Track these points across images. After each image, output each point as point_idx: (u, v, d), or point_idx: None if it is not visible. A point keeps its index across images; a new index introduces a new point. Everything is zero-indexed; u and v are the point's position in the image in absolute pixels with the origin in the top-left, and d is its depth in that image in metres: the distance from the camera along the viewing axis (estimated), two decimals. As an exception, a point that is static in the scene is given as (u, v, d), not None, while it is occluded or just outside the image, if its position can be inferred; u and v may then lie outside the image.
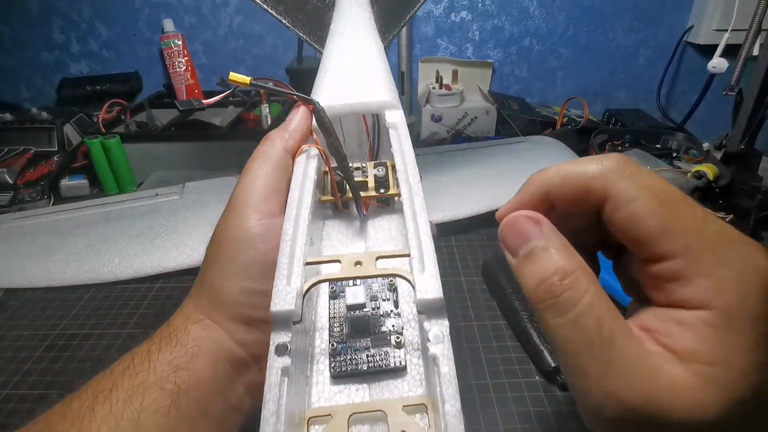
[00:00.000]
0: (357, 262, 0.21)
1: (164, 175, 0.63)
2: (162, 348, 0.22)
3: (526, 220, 0.17)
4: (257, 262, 0.23)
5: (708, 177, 0.50)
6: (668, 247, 0.15)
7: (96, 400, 0.19)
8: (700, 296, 0.15)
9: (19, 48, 0.91)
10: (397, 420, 0.20)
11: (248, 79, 0.24)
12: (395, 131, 0.27)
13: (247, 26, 0.90)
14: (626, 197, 0.16)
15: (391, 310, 0.25)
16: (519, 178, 0.29)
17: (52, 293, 0.42)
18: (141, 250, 0.45)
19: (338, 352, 0.23)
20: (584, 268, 0.16)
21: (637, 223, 0.16)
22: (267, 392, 0.17)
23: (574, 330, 0.15)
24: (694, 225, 0.15)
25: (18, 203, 0.57)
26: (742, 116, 0.54)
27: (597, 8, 0.88)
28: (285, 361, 0.18)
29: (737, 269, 0.15)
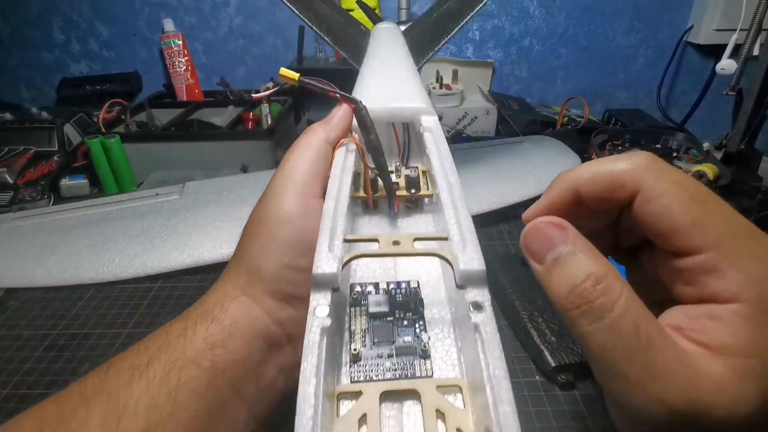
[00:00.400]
0: (395, 242, 0.21)
1: (164, 174, 0.63)
2: (198, 325, 0.22)
3: (550, 225, 0.17)
4: (296, 239, 0.24)
5: (708, 177, 0.50)
6: (700, 239, 0.15)
7: (133, 375, 0.19)
8: (733, 289, 0.15)
9: (20, 48, 0.91)
10: (431, 398, 0.20)
11: (297, 75, 0.25)
12: (431, 134, 0.29)
13: (247, 26, 0.90)
14: (658, 190, 0.16)
15: (416, 321, 0.24)
16: (519, 177, 0.29)
17: (52, 293, 0.42)
18: (141, 249, 0.45)
19: (359, 359, 0.22)
20: (615, 272, 0.16)
21: (669, 216, 0.16)
22: (306, 350, 0.17)
23: (611, 335, 0.15)
24: (724, 219, 0.15)
25: (18, 203, 0.57)
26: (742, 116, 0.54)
27: (597, 8, 0.88)
28: (325, 322, 0.18)
29: (767, 262, 0.15)
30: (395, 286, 0.26)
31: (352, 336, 0.23)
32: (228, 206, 0.51)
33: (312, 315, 0.19)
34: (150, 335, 0.22)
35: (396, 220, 0.30)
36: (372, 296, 0.25)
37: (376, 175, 0.28)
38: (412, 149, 0.34)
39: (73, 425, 0.18)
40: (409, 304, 0.25)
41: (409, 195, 0.29)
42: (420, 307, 0.25)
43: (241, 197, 0.53)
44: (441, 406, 0.19)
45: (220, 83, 0.86)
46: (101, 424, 0.18)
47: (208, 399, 0.20)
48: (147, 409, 0.18)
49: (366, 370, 0.21)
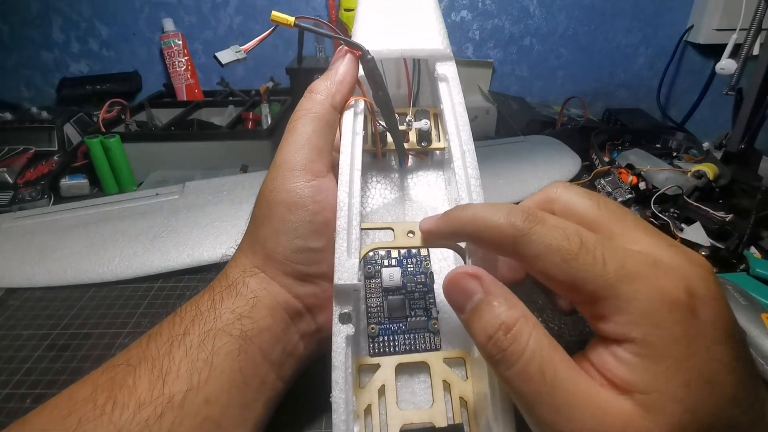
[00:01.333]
0: (410, 231, 0.22)
1: (164, 174, 0.63)
2: (224, 298, 0.23)
3: (466, 276, 0.18)
4: (308, 222, 0.24)
5: (708, 176, 0.50)
6: (579, 297, 0.16)
7: (172, 344, 0.21)
8: (620, 331, 0.15)
9: (19, 47, 0.91)
10: (439, 370, 0.22)
11: (292, 19, 0.22)
12: (446, 85, 0.26)
13: (247, 26, 0.90)
14: (531, 256, 0.17)
15: (426, 293, 0.26)
16: (519, 177, 0.29)
17: (52, 293, 0.42)
18: (141, 249, 0.45)
19: (377, 335, 0.24)
20: (526, 316, 0.16)
21: (548, 280, 0.17)
22: (334, 355, 0.20)
23: (522, 380, 0.15)
24: (595, 270, 0.16)
25: (18, 203, 0.57)
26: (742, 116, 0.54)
27: (597, 8, 0.88)
28: (348, 330, 0.21)
29: (644, 299, 0.15)
30: (406, 254, 0.26)
31: (369, 312, 0.25)
32: (228, 206, 0.51)
33: (336, 323, 0.21)
34: (181, 309, 0.24)
35: (406, 175, 0.30)
36: (385, 269, 0.26)
37: (385, 129, 0.26)
38: (426, 88, 0.31)
39: (124, 391, 0.19)
40: (420, 276, 0.26)
41: (420, 149, 0.28)
42: (430, 281, 0.26)
43: (241, 197, 0.53)
44: (447, 377, 0.22)
45: (221, 83, 0.86)
46: (149, 387, 0.20)
47: (240, 362, 0.22)
48: (188, 373, 0.20)
49: (383, 344, 0.24)
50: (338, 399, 0.20)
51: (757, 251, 0.43)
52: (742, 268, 0.40)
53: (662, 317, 0.15)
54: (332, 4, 0.86)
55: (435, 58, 0.26)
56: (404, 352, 0.24)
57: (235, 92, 0.85)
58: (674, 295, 0.15)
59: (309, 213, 0.24)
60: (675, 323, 0.15)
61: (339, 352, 0.20)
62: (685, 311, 0.15)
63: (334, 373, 0.20)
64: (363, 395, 0.22)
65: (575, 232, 0.16)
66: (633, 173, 0.51)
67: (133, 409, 0.19)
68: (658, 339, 0.15)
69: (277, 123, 0.69)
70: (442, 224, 0.20)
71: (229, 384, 0.21)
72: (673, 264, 0.16)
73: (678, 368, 0.15)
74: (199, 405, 0.20)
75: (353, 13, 0.80)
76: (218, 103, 0.82)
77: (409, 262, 0.26)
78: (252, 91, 0.82)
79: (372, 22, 0.27)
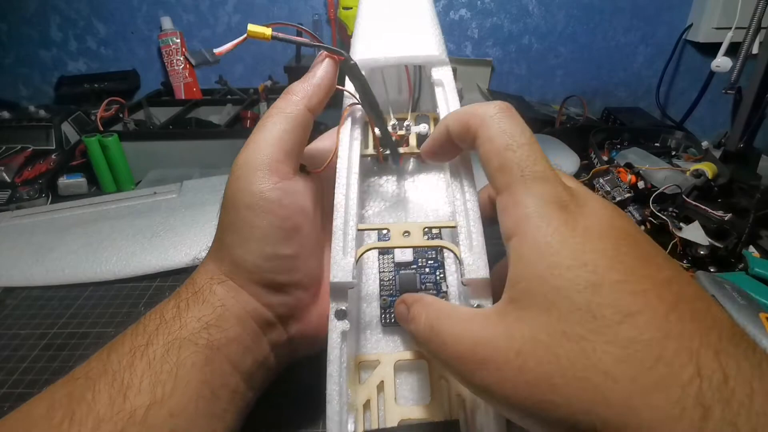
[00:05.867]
0: (405, 232, 0.23)
1: (162, 173, 0.63)
2: (190, 305, 0.22)
3: (399, 304, 0.22)
4: (276, 228, 0.23)
5: (707, 175, 0.49)
6: (498, 182, 0.19)
7: (134, 356, 0.20)
8: (509, 226, 0.18)
9: (17, 46, 0.91)
10: (436, 368, 0.23)
11: (269, 32, 0.22)
12: (442, 89, 0.27)
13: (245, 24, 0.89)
14: (486, 137, 0.19)
15: (436, 267, 0.27)
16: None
17: (49, 292, 0.42)
18: (139, 248, 0.45)
19: (389, 306, 0.25)
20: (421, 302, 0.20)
21: (487, 161, 0.19)
22: (330, 350, 0.21)
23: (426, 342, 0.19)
24: (523, 164, 0.18)
25: (16, 201, 0.57)
26: (741, 115, 0.54)
27: (596, 6, 0.88)
28: (344, 325, 0.21)
29: (538, 199, 0.17)
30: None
31: (381, 284, 0.26)
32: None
33: (332, 320, 0.21)
34: (145, 317, 0.22)
35: (407, 179, 0.30)
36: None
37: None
38: (425, 92, 0.31)
39: (83, 406, 0.18)
40: (431, 253, 0.27)
41: (419, 152, 0.28)
42: (441, 257, 0.27)
43: (240, 196, 0.53)
44: (445, 374, 0.22)
45: (219, 81, 0.86)
46: (108, 402, 0.19)
47: (207, 373, 0.21)
48: (151, 386, 0.19)
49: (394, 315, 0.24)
50: (332, 392, 0.20)
51: (755, 250, 0.43)
52: (740, 268, 0.40)
53: (543, 224, 0.17)
54: (331, 2, 0.86)
55: (431, 64, 0.27)
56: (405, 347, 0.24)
57: (233, 91, 0.85)
58: (560, 197, 0.17)
59: (277, 218, 0.23)
60: (547, 223, 0.17)
61: (334, 347, 0.21)
62: (563, 209, 0.17)
63: (329, 367, 0.20)
64: (362, 391, 0.22)
65: (530, 131, 0.19)
66: (632, 172, 0.51)
67: (91, 426, 0.18)
68: (530, 240, 0.17)
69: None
70: (436, 131, 0.23)
71: (196, 396, 0.20)
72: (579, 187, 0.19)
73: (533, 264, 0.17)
74: (163, 419, 0.19)
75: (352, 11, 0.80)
76: (216, 101, 0.82)
77: (426, 236, 0.26)
78: (250, 89, 0.82)
79: (371, 29, 0.28)
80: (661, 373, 0.13)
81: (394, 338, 0.25)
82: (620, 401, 0.13)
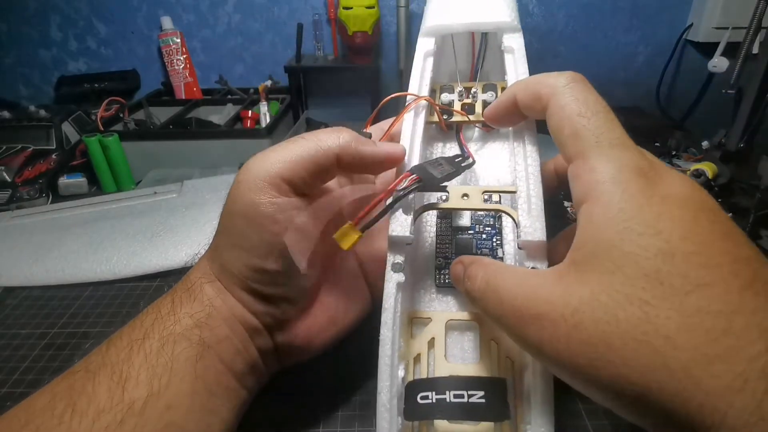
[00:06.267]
0: (464, 194, 0.23)
1: (162, 173, 0.63)
2: (183, 302, 0.23)
3: (456, 264, 0.22)
4: (266, 242, 0.23)
5: (707, 175, 0.49)
6: (570, 150, 0.19)
7: (131, 349, 0.21)
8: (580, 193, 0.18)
9: (17, 45, 0.91)
10: (488, 329, 0.23)
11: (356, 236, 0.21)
12: (511, 56, 0.27)
13: (245, 24, 0.90)
14: (557, 106, 0.19)
15: (493, 234, 0.27)
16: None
17: (49, 291, 0.42)
18: (139, 248, 0.45)
19: (443, 267, 0.26)
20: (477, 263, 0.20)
21: (558, 129, 0.19)
22: (385, 299, 0.21)
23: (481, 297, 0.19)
24: (599, 131, 0.18)
25: (16, 201, 0.57)
26: (741, 115, 0.54)
27: (596, 6, 0.88)
28: (399, 277, 0.22)
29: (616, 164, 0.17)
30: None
31: (438, 246, 0.26)
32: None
33: (389, 271, 0.22)
34: (143, 313, 0.23)
35: (471, 147, 0.30)
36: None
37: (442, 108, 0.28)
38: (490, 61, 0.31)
39: (83, 398, 0.19)
40: (489, 219, 0.27)
41: (485, 120, 0.28)
42: (499, 224, 0.27)
43: (240, 196, 0.53)
44: (496, 337, 0.23)
45: (219, 81, 0.86)
46: (108, 394, 0.19)
47: (200, 369, 0.21)
48: (148, 378, 0.20)
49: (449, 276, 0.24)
50: (386, 338, 0.21)
51: (755, 250, 0.43)
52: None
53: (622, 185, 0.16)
54: (331, 2, 0.86)
55: (502, 30, 0.27)
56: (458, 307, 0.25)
57: (233, 90, 0.85)
58: (638, 164, 0.17)
59: (268, 233, 0.22)
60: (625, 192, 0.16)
61: (390, 296, 0.21)
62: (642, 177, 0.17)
63: (383, 314, 0.21)
64: (414, 345, 0.23)
65: (603, 100, 0.19)
66: (632, 172, 0.51)
67: (92, 416, 0.18)
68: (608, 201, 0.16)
69: (275, 122, 0.69)
70: (502, 97, 0.23)
71: (191, 390, 0.20)
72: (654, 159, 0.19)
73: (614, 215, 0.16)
74: (160, 411, 0.19)
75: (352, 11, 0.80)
76: (217, 101, 0.82)
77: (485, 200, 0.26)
78: (250, 89, 0.82)
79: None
80: (727, 345, 0.13)
81: (447, 299, 0.25)
82: (680, 367, 0.13)
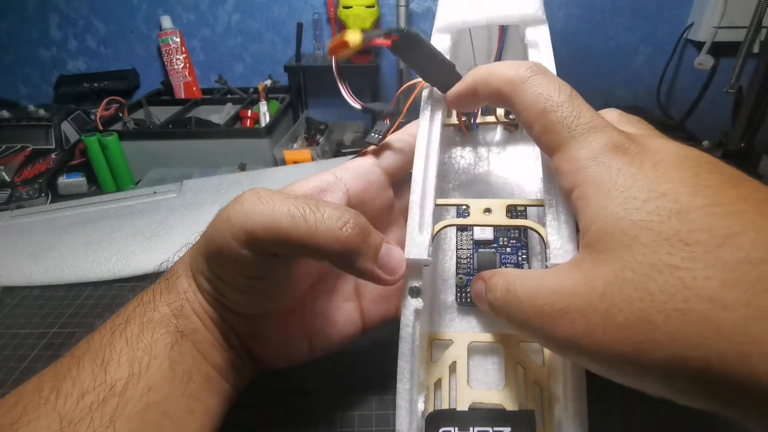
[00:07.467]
0: (486, 209, 0.21)
1: (162, 172, 0.63)
2: (162, 291, 0.23)
3: (477, 281, 0.21)
4: (246, 278, 0.22)
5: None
6: (546, 146, 0.18)
7: (114, 334, 0.21)
8: (566, 184, 0.17)
9: (16, 45, 0.91)
10: (513, 353, 0.22)
11: (359, 37, 0.20)
12: (536, 51, 0.25)
13: (245, 23, 0.90)
14: (521, 105, 0.19)
15: (519, 247, 0.25)
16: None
17: (49, 291, 0.42)
18: (139, 248, 0.45)
19: (465, 285, 0.24)
20: (497, 273, 0.19)
21: (529, 128, 0.19)
22: (402, 327, 0.20)
23: (503, 305, 0.18)
24: (567, 122, 0.17)
25: (15, 201, 0.57)
26: (742, 114, 0.54)
27: (597, 5, 0.88)
28: (418, 303, 0.20)
29: (592, 149, 0.17)
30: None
31: (458, 262, 0.25)
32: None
33: (407, 297, 0.20)
34: (128, 303, 0.23)
35: (494, 149, 0.28)
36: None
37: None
38: (507, 53, 0.29)
39: (68, 380, 0.20)
40: (514, 232, 0.25)
41: (508, 121, 0.27)
42: (524, 237, 0.25)
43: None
44: (522, 362, 0.21)
45: (219, 80, 0.86)
46: (91, 376, 0.20)
47: (177, 355, 0.22)
48: (129, 361, 0.20)
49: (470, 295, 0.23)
50: (403, 369, 0.20)
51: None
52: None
53: (599, 164, 0.16)
54: (331, 1, 0.86)
55: (525, 23, 0.25)
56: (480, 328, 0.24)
57: (233, 90, 0.85)
58: (615, 141, 0.16)
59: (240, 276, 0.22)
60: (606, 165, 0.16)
61: (407, 324, 0.20)
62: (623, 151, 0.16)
63: (401, 344, 0.20)
64: (434, 369, 0.22)
65: (569, 86, 0.18)
66: (632, 171, 0.51)
67: (76, 397, 0.19)
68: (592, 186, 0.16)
69: (275, 121, 0.69)
70: (462, 84, 0.22)
71: (171, 374, 0.21)
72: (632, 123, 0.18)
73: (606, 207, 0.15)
74: (141, 392, 0.20)
75: (352, 10, 0.80)
76: (216, 100, 0.82)
77: (509, 214, 0.24)
78: (250, 88, 0.82)
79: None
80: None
81: (469, 319, 0.24)
82: (736, 329, 0.12)
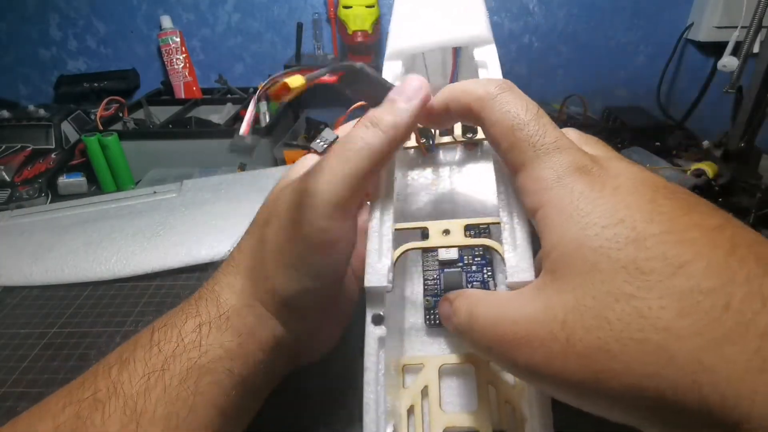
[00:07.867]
0: (445, 230, 0.21)
1: (162, 172, 0.63)
2: (213, 330, 0.21)
3: (443, 302, 0.20)
4: (331, 269, 0.22)
5: (707, 175, 0.49)
6: (511, 163, 0.18)
7: (149, 380, 0.19)
8: (530, 204, 0.18)
9: (16, 45, 0.90)
10: (485, 373, 0.22)
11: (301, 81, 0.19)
12: (485, 71, 0.25)
13: (245, 23, 0.89)
14: (489, 121, 0.19)
15: (483, 265, 0.25)
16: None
17: (49, 291, 0.42)
18: (139, 248, 0.45)
19: (432, 306, 0.24)
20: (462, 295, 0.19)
21: (496, 145, 0.19)
22: (366, 357, 0.20)
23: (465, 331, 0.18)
24: (533, 140, 0.18)
25: (15, 201, 0.57)
26: (742, 114, 0.54)
27: (597, 5, 0.88)
28: (381, 331, 0.20)
29: (556, 170, 0.17)
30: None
31: (425, 284, 0.25)
32: (226, 204, 0.51)
33: (369, 325, 0.20)
34: (158, 330, 0.21)
35: (453, 168, 0.28)
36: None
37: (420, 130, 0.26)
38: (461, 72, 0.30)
39: (91, 430, 0.17)
40: (479, 249, 0.26)
41: (465, 140, 0.27)
42: (489, 254, 0.26)
43: (239, 195, 0.53)
44: (494, 381, 0.21)
45: (219, 80, 0.86)
46: (119, 430, 0.18)
47: (224, 403, 0.20)
48: (165, 415, 0.18)
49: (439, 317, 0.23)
50: (369, 400, 0.19)
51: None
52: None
53: (567, 189, 0.16)
54: (331, 1, 0.86)
55: (473, 44, 0.25)
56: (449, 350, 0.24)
57: (233, 90, 0.85)
58: (579, 163, 0.17)
59: (333, 261, 0.22)
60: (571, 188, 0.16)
61: (371, 354, 0.20)
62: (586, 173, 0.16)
63: (366, 374, 0.19)
64: (406, 395, 0.22)
65: (536, 105, 0.19)
66: (632, 171, 0.51)
67: None
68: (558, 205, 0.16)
69: (275, 121, 0.69)
70: (436, 100, 0.22)
71: (210, 423, 0.20)
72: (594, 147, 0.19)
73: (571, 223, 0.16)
74: None
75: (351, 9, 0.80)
76: (216, 100, 0.82)
77: (468, 233, 0.24)
78: (250, 88, 0.82)
79: (408, 12, 0.26)
80: (733, 322, 0.12)
81: (439, 341, 0.24)
82: (688, 358, 0.12)
